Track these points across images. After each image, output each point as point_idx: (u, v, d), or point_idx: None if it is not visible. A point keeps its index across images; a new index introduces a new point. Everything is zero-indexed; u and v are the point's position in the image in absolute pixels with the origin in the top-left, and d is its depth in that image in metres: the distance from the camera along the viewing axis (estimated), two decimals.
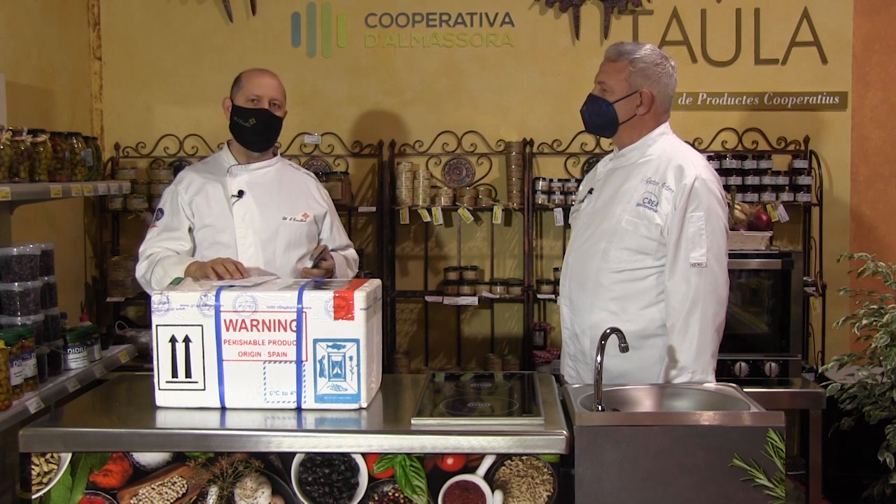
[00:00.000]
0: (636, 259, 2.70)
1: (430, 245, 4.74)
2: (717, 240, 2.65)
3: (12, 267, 2.99)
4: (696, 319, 2.61)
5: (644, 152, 2.77)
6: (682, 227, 2.63)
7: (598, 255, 2.74)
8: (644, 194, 2.69)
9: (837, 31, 4.59)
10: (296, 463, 2.17)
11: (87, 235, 4.64)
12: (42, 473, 2.18)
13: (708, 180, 2.67)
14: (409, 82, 4.70)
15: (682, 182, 2.64)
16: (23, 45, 3.95)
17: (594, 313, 2.75)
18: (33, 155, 3.10)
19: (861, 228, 4.64)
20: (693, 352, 2.62)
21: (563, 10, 4.63)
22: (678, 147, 2.78)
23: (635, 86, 2.74)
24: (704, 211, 2.63)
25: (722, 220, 2.69)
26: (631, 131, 2.79)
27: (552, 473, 2.15)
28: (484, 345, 4.73)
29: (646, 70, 2.74)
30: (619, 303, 2.71)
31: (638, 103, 2.74)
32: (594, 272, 2.75)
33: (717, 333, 2.67)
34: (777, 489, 2.12)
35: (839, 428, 3.52)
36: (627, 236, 2.69)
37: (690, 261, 2.62)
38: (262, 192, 3.10)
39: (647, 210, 2.67)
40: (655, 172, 2.71)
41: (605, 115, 2.77)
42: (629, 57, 2.74)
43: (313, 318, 2.27)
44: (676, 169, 2.67)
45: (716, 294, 2.64)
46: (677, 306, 2.64)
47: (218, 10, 4.69)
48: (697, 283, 2.62)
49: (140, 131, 4.70)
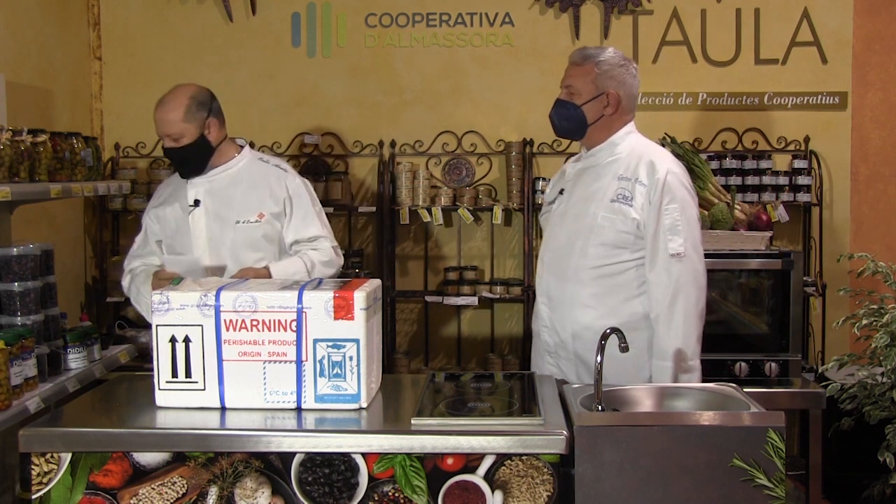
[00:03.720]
0: (614, 254, 2.79)
1: (430, 245, 4.74)
2: (692, 230, 2.77)
3: (12, 267, 2.99)
4: (680, 308, 2.73)
5: (612, 151, 2.87)
6: (659, 220, 2.74)
7: (577, 252, 2.83)
8: (617, 190, 2.79)
9: (837, 31, 4.59)
10: (296, 463, 2.17)
11: (87, 235, 4.64)
12: (42, 473, 2.18)
13: (679, 174, 2.80)
14: (409, 82, 4.70)
15: (655, 177, 2.75)
16: (23, 45, 3.95)
17: (575, 309, 2.84)
18: (33, 155, 3.10)
19: (861, 228, 4.64)
20: (679, 339, 2.73)
21: (563, 10, 4.63)
22: (646, 145, 2.89)
23: (602, 87, 2.84)
24: (679, 203, 2.75)
25: (695, 212, 2.82)
26: (599, 132, 2.88)
27: (552, 473, 2.15)
28: (484, 345, 4.73)
29: (611, 72, 2.84)
30: (600, 297, 2.81)
31: (605, 104, 2.84)
32: (573, 269, 2.83)
33: (700, 319, 2.78)
34: (777, 489, 2.12)
35: (839, 428, 3.52)
36: (604, 232, 2.78)
37: (669, 251, 2.73)
38: (219, 197, 3.09)
39: (623, 205, 2.77)
40: (627, 169, 2.81)
41: (573, 118, 2.87)
42: (594, 60, 2.85)
43: (313, 318, 2.27)
44: (648, 165, 2.78)
45: (696, 282, 2.75)
46: (660, 297, 2.74)
47: (218, 10, 4.69)
48: (678, 272, 2.73)
49: (140, 131, 4.69)
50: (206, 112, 3.05)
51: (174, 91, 3.06)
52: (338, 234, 4.70)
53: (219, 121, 3.10)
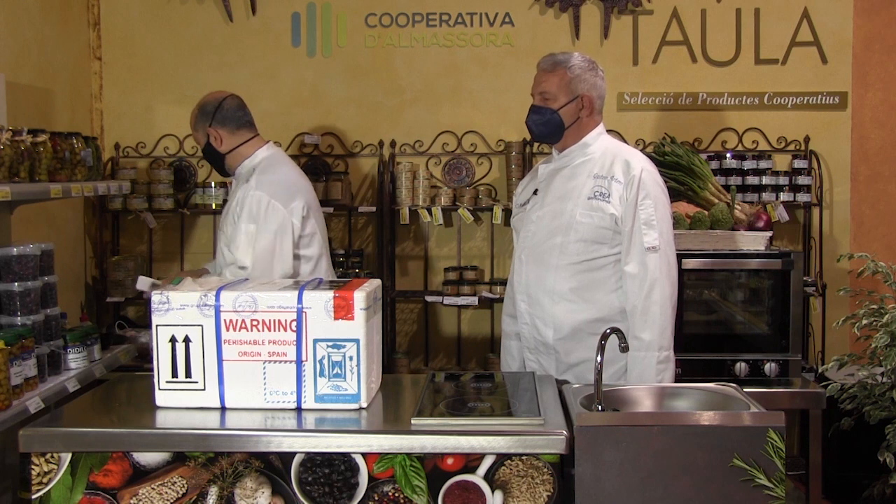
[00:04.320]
0: (592, 249, 2.88)
1: (430, 245, 4.74)
2: (665, 224, 2.88)
3: (12, 267, 2.99)
4: (656, 299, 2.82)
5: (584, 151, 2.97)
6: (635, 215, 2.84)
7: (556, 249, 2.91)
8: (594, 188, 2.89)
9: (837, 31, 4.59)
10: (296, 463, 2.17)
11: (87, 235, 4.64)
12: (42, 473, 2.18)
13: (652, 172, 2.92)
14: (409, 82, 4.70)
15: (631, 174, 2.86)
16: (23, 45, 3.95)
17: (555, 304, 2.91)
18: (33, 155, 3.10)
19: (861, 228, 4.64)
20: (657, 329, 2.81)
21: (563, 10, 4.63)
22: (618, 145, 3.03)
23: (576, 91, 2.95)
24: (653, 199, 2.86)
25: (668, 208, 2.93)
26: (573, 134, 2.98)
27: (552, 473, 2.15)
28: (484, 345, 4.73)
29: (582, 76, 2.95)
30: (579, 292, 2.90)
31: (580, 107, 2.95)
32: (553, 267, 2.91)
33: (673, 311, 2.89)
34: (777, 489, 2.13)
35: (839, 428, 3.52)
36: (583, 228, 2.88)
37: (645, 244, 2.83)
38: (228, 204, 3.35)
39: (600, 202, 2.87)
40: (602, 168, 2.92)
41: (550, 122, 2.96)
42: (565, 65, 2.96)
43: (313, 318, 2.27)
44: (623, 163, 2.89)
45: (670, 275, 2.86)
46: (636, 289, 2.83)
47: (218, 10, 4.69)
48: (653, 265, 2.83)
49: (140, 131, 4.70)
50: (207, 121, 3.23)
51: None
52: (338, 234, 4.71)
53: (227, 129, 3.23)
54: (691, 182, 4.05)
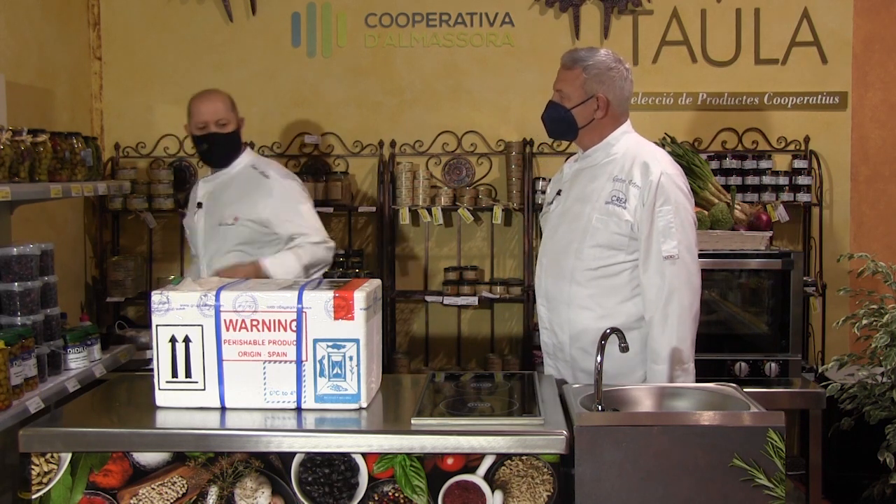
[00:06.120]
0: (608, 255, 2.78)
1: (430, 245, 4.74)
2: (686, 232, 2.74)
3: (12, 267, 2.99)
4: (674, 310, 2.70)
5: (608, 152, 2.86)
6: (652, 222, 2.72)
7: (572, 253, 2.82)
8: (612, 192, 2.78)
9: (837, 31, 4.59)
10: (296, 463, 2.17)
11: (87, 235, 4.64)
12: (42, 473, 2.18)
13: (673, 175, 2.77)
14: (409, 82, 4.70)
15: (649, 178, 2.73)
16: (23, 45, 3.95)
17: (572, 310, 2.83)
18: (33, 155, 3.10)
19: (861, 228, 4.64)
20: (674, 341, 2.70)
21: (563, 10, 4.63)
22: (642, 145, 2.87)
23: (591, 91, 2.82)
24: (672, 205, 2.72)
25: (690, 213, 2.78)
26: (591, 135, 2.87)
27: (552, 473, 2.15)
28: (484, 345, 4.73)
29: (600, 76, 2.81)
30: (596, 299, 2.80)
31: (595, 108, 2.82)
32: (569, 270, 2.83)
33: (695, 322, 2.77)
34: (777, 489, 2.12)
35: (839, 428, 3.52)
36: (598, 233, 2.77)
37: (663, 254, 2.70)
38: (214, 199, 3.43)
39: (617, 207, 2.76)
40: (622, 170, 2.79)
41: (563, 120, 2.86)
42: (583, 64, 2.83)
43: (313, 318, 2.27)
44: (642, 166, 2.76)
45: (690, 284, 2.74)
46: (654, 299, 2.72)
47: (218, 9, 4.68)
48: (671, 274, 2.70)
49: (140, 131, 4.70)
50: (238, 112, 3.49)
51: (211, 90, 3.48)
52: (338, 234, 4.71)
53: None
54: (691, 182, 4.03)
